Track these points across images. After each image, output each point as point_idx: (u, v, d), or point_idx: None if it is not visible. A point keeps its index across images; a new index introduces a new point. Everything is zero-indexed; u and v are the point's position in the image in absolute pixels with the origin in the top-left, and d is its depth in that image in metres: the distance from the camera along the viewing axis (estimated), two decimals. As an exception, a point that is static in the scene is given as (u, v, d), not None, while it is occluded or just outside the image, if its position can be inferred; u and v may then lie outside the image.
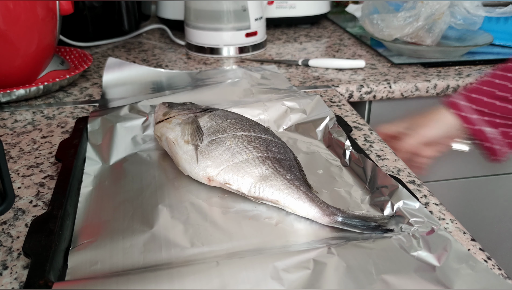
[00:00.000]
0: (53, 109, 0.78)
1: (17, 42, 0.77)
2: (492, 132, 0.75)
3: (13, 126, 0.72)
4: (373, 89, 0.87)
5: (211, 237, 0.46)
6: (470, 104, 0.75)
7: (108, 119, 0.65)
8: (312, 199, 0.48)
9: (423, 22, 0.95)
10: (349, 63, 0.95)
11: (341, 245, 0.43)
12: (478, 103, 0.75)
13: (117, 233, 0.47)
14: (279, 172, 0.50)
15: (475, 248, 0.46)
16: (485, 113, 0.75)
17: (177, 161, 0.56)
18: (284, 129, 0.68)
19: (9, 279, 0.42)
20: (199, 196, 0.52)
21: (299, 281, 0.39)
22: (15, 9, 0.74)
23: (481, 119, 0.75)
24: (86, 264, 0.43)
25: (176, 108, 0.62)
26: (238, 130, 0.55)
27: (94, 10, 1.12)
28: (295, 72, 0.95)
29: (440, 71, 0.93)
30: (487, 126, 0.75)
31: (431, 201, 0.53)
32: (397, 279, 0.39)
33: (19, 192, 0.55)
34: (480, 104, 0.75)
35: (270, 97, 0.74)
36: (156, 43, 1.17)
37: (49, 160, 0.62)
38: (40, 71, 0.84)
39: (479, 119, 0.75)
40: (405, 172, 0.59)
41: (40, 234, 0.43)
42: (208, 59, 1.04)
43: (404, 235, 0.44)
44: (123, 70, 0.90)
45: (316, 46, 1.12)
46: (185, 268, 0.40)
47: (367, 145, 0.66)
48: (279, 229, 0.47)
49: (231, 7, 1.00)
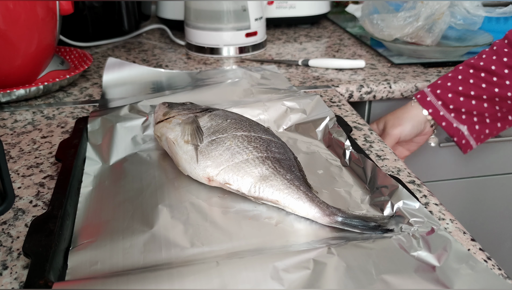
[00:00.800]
0: (53, 109, 0.78)
1: (17, 42, 0.77)
2: (460, 127, 0.76)
3: (13, 126, 0.72)
4: (373, 89, 0.87)
5: (211, 237, 0.46)
6: (437, 100, 0.76)
7: (108, 119, 0.65)
8: (312, 199, 0.48)
9: (423, 22, 0.95)
10: (349, 63, 0.95)
11: (341, 245, 0.43)
12: (444, 99, 0.76)
13: (117, 233, 0.47)
14: (279, 172, 0.50)
15: (475, 248, 0.46)
16: (451, 109, 0.76)
17: (177, 161, 0.56)
18: (284, 129, 0.68)
19: (9, 279, 0.42)
20: (199, 196, 0.52)
21: (299, 281, 0.39)
22: (15, 9, 0.74)
23: (448, 115, 0.76)
24: (86, 264, 0.43)
25: (176, 108, 0.62)
26: (238, 130, 0.55)
27: (94, 10, 1.12)
28: (295, 72, 0.95)
29: (440, 71, 0.93)
30: (455, 122, 0.76)
31: (431, 201, 0.53)
32: (397, 279, 0.39)
33: (19, 192, 0.55)
34: (446, 100, 0.76)
35: (270, 97, 0.74)
36: (156, 43, 1.17)
37: (49, 160, 0.62)
38: (40, 71, 0.84)
39: (446, 115, 0.76)
40: (405, 172, 0.59)
41: (40, 234, 0.43)
42: (208, 59, 1.04)
43: (404, 235, 0.44)
44: (123, 70, 0.90)
45: (316, 46, 1.12)
46: (185, 268, 0.40)
47: (367, 145, 0.66)
48: (279, 229, 0.47)
49: (231, 7, 1.00)
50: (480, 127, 0.77)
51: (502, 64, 0.73)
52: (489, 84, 0.74)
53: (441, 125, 0.77)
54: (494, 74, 0.73)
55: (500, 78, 0.73)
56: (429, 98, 0.77)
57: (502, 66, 0.73)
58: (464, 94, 0.75)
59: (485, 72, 0.74)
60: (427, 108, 0.77)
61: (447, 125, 0.77)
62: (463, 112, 0.76)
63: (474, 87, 0.74)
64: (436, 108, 0.76)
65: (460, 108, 0.76)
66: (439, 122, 0.77)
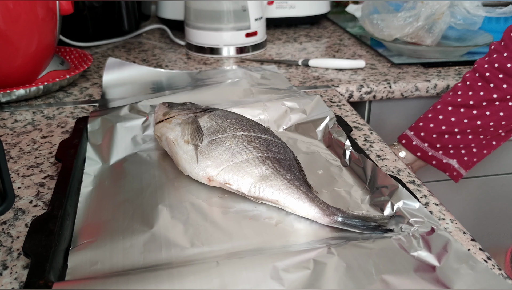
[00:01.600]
0: (53, 109, 0.78)
1: (17, 42, 0.77)
2: (449, 162, 0.79)
3: (13, 126, 0.72)
4: (373, 89, 0.87)
5: (211, 237, 0.46)
6: (423, 143, 0.79)
7: (108, 119, 0.65)
8: (312, 199, 0.48)
9: (423, 22, 0.95)
10: (349, 63, 0.95)
11: (341, 245, 0.43)
12: (430, 141, 0.79)
13: (117, 233, 0.47)
14: (279, 172, 0.50)
15: (475, 248, 0.46)
16: (438, 148, 0.79)
17: (177, 161, 0.56)
18: (284, 129, 0.68)
19: (9, 279, 0.42)
20: (199, 196, 0.52)
21: (299, 281, 0.39)
22: (15, 9, 0.74)
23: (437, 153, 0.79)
24: (86, 264, 0.43)
25: (176, 108, 0.62)
26: (238, 130, 0.55)
27: (94, 10, 1.12)
28: (295, 72, 0.95)
29: (440, 71, 0.93)
30: (444, 158, 0.79)
31: (431, 201, 0.53)
32: (397, 279, 0.39)
33: (19, 192, 0.55)
34: (432, 141, 0.79)
35: (270, 97, 0.74)
36: (156, 43, 1.17)
37: (49, 160, 0.62)
38: (40, 71, 0.84)
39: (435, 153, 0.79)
40: (405, 172, 0.59)
41: (40, 234, 0.43)
42: (208, 59, 1.04)
43: (404, 235, 0.44)
44: (123, 70, 0.90)
45: (316, 46, 1.12)
46: (185, 268, 0.40)
47: (367, 145, 0.66)
48: (279, 229, 0.47)
49: (231, 7, 1.00)
50: (468, 158, 0.79)
51: (479, 98, 0.75)
52: (470, 119, 0.75)
53: (431, 164, 0.80)
54: (473, 107, 0.75)
55: (479, 110, 0.75)
56: (415, 142, 0.79)
57: (480, 100, 0.75)
58: (448, 132, 0.77)
59: (464, 108, 0.76)
60: (415, 152, 0.79)
61: (438, 163, 0.79)
62: (450, 148, 0.78)
63: (456, 124, 0.76)
64: (424, 150, 0.79)
65: (447, 144, 0.78)
66: (429, 161, 0.79)
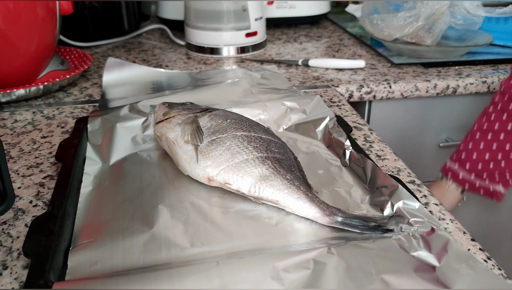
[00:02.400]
0: (53, 109, 0.78)
1: (17, 42, 0.77)
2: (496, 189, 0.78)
3: (13, 126, 0.72)
4: (373, 89, 0.87)
5: (211, 237, 0.46)
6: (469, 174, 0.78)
7: (108, 119, 0.65)
8: (312, 199, 0.48)
9: (423, 22, 0.95)
10: (349, 63, 0.95)
11: (341, 245, 0.43)
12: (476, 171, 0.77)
13: (117, 233, 0.47)
14: (279, 172, 0.50)
15: (475, 248, 0.46)
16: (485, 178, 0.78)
17: (177, 161, 0.56)
18: (284, 129, 0.68)
19: (9, 279, 0.42)
20: (199, 196, 0.52)
21: (299, 281, 0.39)
22: (15, 9, 0.74)
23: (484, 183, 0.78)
24: (86, 264, 0.43)
25: (176, 108, 0.62)
26: (238, 130, 0.55)
27: (94, 10, 1.12)
28: (295, 72, 0.95)
29: (440, 71, 0.93)
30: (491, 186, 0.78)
31: (431, 201, 0.53)
32: (397, 279, 0.39)
33: (19, 192, 0.55)
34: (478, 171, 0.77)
35: (270, 97, 0.74)
36: (156, 43, 1.17)
37: (49, 160, 0.62)
38: (40, 71, 0.84)
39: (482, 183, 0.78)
40: (405, 172, 0.59)
41: (40, 234, 0.43)
42: (208, 59, 1.04)
43: (404, 235, 0.44)
44: (123, 70, 0.90)
45: (316, 46, 1.12)
46: (185, 268, 0.40)
47: (367, 145, 0.66)
48: (279, 229, 0.47)
49: (231, 7, 1.00)
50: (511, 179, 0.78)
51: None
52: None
53: (479, 194, 0.79)
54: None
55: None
56: (461, 175, 0.78)
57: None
58: (492, 160, 0.76)
59: (505, 133, 0.75)
60: (463, 184, 0.78)
61: (485, 192, 0.78)
62: (495, 175, 0.77)
63: (498, 151, 0.76)
64: (471, 181, 0.78)
65: (493, 173, 0.77)
66: (477, 192, 0.78)
